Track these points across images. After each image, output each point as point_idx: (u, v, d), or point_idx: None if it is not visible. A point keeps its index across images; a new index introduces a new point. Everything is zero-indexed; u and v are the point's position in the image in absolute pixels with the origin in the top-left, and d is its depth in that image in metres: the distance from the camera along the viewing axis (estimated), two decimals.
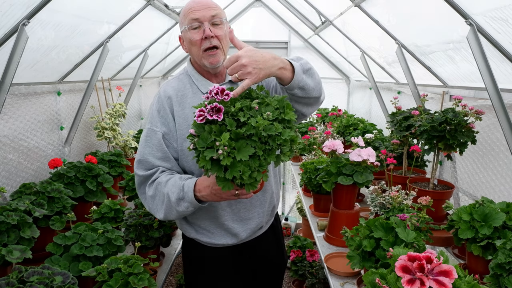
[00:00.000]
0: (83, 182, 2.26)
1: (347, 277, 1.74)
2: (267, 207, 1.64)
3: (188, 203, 1.35)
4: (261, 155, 1.10)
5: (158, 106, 1.47)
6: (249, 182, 1.11)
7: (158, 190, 1.42)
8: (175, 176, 1.42)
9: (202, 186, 1.33)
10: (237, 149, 1.08)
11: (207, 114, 1.09)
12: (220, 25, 1.43)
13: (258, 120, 1.09)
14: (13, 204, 1.69)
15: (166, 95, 1.48)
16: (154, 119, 1.47)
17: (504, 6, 1.57)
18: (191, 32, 1.42)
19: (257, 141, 1.10)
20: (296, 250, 3.59)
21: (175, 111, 1.45)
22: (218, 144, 1.06)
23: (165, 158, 1.46)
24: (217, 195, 1.30)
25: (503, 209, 1.51)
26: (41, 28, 2.07)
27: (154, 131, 1.45)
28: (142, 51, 3.64)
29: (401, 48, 2.63)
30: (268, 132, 1.09)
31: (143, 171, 1.46)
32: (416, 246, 1.33)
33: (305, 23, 4.43)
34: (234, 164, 1.08)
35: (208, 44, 1.40)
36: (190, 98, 1.48)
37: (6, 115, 2.20)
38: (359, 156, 1.90)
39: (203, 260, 1.62)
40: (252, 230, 1.60)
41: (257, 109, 1.14)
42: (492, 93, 1.76)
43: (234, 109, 1.11)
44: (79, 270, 1.58)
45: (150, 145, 1.45)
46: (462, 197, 2.47)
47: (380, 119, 3.92)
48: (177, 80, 1.54)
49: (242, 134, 1.09)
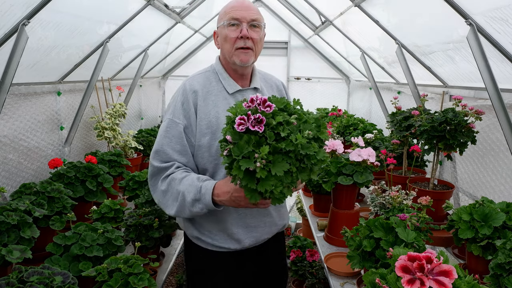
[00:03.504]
0: (83, 182, 2.26)
1: (347, 277, 1.74)
2: (275, 217, 1.61)
3: (204, 205, 1.33)
4: (294, 171, 1.10)
5: (182, 98, 1.46)
6: (278, 197, 1.11)
7: (171, 186, 1.40)
8: (191, 174, 1.41)
9: (221, 190, 1.31)
10: (272, 163, 1.08)
11: (249, 124, 1.07)
12: (257, 28, 1.46)
13: (297, 138, 1.08)
14: (13, 204, 1.69)
15: (192, 88, 1.47)
16: (177, 110, 1.45)
17: (504, 6, 1.57)
18: (229, 28, 1.43)
19: (293, 158, 1.09)
20: (296, 250, 3.59)
21: (199, 106, 1.45)
22: (257, 156, 1.05)
23: (183, 151, 1.44)
24: (236, 202, 1.29)
25: (503, 209, 1.51)
26: (41, 28, 2.07)
27: (175, 123, 1.44)
28: (142, 51, 3.64)
29: (401, 48, 2.63)
30: (306, 150, 1.08)
31: (158, 162, 1.44)
32: (416, 246, 1.33)
33: (305, 23, 4.43)
34: (268, 177, 1.07)
35: (242, 44, 1.43)
36: (215, 95, 1.49)
37: (6, 115, 2.20)
38: (359, 156, 1.90)
39: (204, 260, 1.60)
40: (256, 238, 1.56)
41: (295, 124, 1.13)
42: (492, 93, 1.76)
43: (274, 122, 1.10)
44: (79, 270, 1.58)
45: (169, 136, 1.44)
46: (462, 197, 2.47)
47: (380, 119, 3.92)
48: (203, 76, 1.54)
49: (280, 149, 1.08)
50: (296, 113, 1.17)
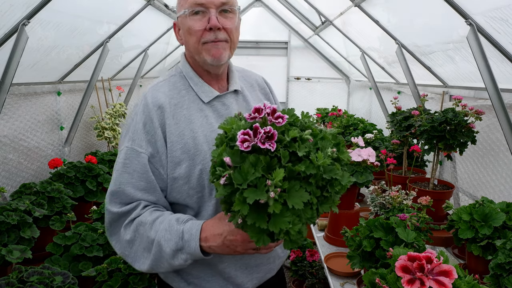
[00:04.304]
0: (83, 182, 2.26)
1: (347, 277, 1.73)
2: (278, 248, 1.29)
3: (189, 255, 1.01)
4: (315, 203, 0.85)
5: (144, 118, 1.10)
6: (295, 238, 0.84)
7: (139, 233, 1.05)
8: (165, 214, 1.06)
9: (210, 233, 1.00)
10: (287, 192, 0.81)
11: (257, 141, 0.81)
12: (231, 14, 1.11)
13: (319, 157, 0.83)
14: (13, 204, 1.69)
15: (156, 103, 1.11)
16: (137, 135, 1.09)
17: (504, 6, 1.57)
18: (192, 18, 1.09)
19: (313, 185, 0.84)
20: (296, 250, 3.59)
21: (168, 126, 1.09)
22: (270, 184, 0.78)
23: (149, 189, 1.08)
24: (231, 248, 0.99)
25: (503, 209, 1.51)
26: (41, 28, 2.07)
27: (136, 152, 1.07)
28: (142, 51, 3.65)
29: (401, 48, 2.63)
30: (330, 174, 0.84)
31: (118, 207, 1.07)
32: (416, 246, 1.33)
33: (305, 23, 4.44)
34: (283, 212, 0.80)
35: (212, 37, 1.09)
36: (186, 108, 1.13)
37: (6, 115, 2.20)
38: (359, 156, 1.90)
39: None
40: (259, 280, 1.23)
41: (311, 141, 0.88)
42: (492, 93, 1.76)
43: (288, 138, 0.84)
44: (79, 270, 1.58)
45: (129, 171, 1.07)
46: (462, 197, 2.47)
47: (380, 119, 3.92)
48: (169, 84, 1.18)
49: (297, 173, 0.82)
50: (309, 127, 0.92)
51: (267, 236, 0.84)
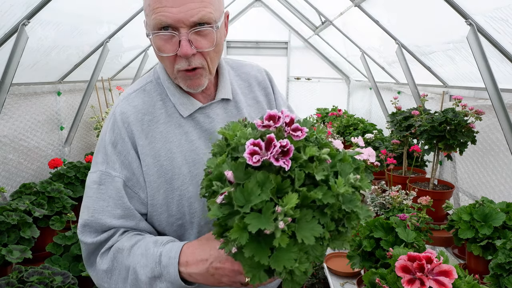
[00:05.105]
0: (83, 182, 2.26)
1: (347, 277, 1.74)
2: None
3: (169, 283, 0.83)
4: (327, 238, 0.69)
5: (114, 137, 0.94)
6: (299, 279, 0.69)
7: (117, 261, 0.90)
8: (145, 238, 0.91)
9: (193, 258, 0.83)
10: (297, 223, 0.66)
11: (270, 155, 0.65)
12: (208, 30, 0.88)
13: (339, 184, 0.67)
14: (13, 204, 1.69)
15: (126, 120, 0.94)
16: (109, 157, 0.93)
17: (504, 6, 1.57)
18: (160, 38, 0.88)
19: (328, 216, 0.68)
20: None
21: (140, 147, 0.94)
22: (279, 211, 0.63)
23: (127, 215, 0.93)
24: (216, 277, 0.81)
25: (503, 209, 1.51)
26: (41, 28, 2.07)
27: (111, 177, 0.92)
28: (142, 51, 3.65)
29: (401, 48, 2.63)
30: (350, 206, 0.70)
31: (93, 236, 0.92)
32: (416, 246, 1.33)
33: (305, 23, 4.44)
34: (289, 247, 0.65)
35: (184, 65, 0.89)
36: (164, 124, 0.96)
37: (6, 115, 2.20)
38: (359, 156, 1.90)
39: None
40: None
41: (328, 162, 0.73)
42: (492, 93, 1.76)
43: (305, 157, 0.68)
44: (79, 270, 1.58)
45: (104, 198, 0.92)
46: (462, 197, 2.47)
47: (380, 119, 3.92)
48: (143, 95, 0.99)
49: (312, 201, 0.67)
50: (327, 145, 0.76)
51: (265, 273, 0.68)
